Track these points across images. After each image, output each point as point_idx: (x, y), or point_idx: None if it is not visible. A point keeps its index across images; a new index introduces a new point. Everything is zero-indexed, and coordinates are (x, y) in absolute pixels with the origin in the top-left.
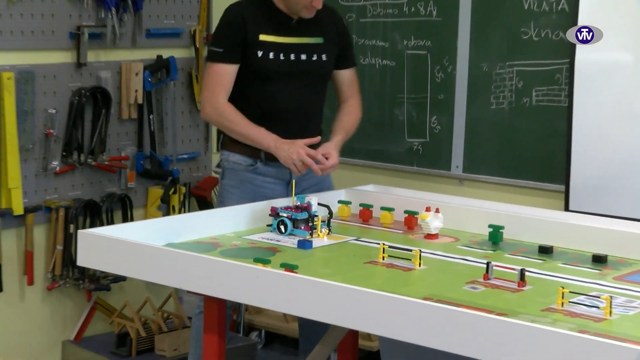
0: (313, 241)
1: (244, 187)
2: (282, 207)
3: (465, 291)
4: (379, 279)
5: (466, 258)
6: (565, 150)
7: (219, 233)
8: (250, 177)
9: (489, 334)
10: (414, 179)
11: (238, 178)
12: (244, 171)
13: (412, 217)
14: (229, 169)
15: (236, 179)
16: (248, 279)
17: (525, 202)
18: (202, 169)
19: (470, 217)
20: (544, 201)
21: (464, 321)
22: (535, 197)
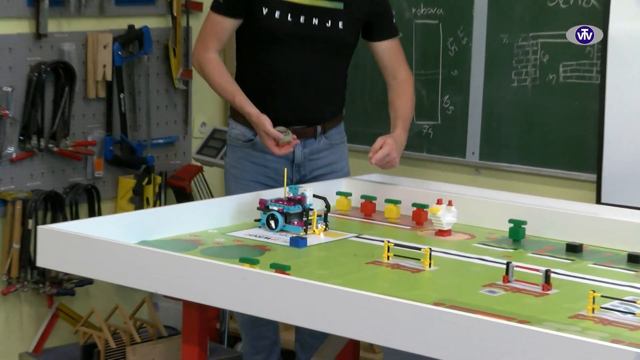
0: (308, 238)
1: (243, 167)
2: (272, 199)
3: (481, 295)
4: (383, 281)
5: (483, 258)
6: (597, 134)
7: (200, 229)
8: (249, 154)
9: (510, 344)
10: (423, 167)
11: (236, 156)
12: (242, 147)
13: (421, 211)
14: (230, 146)
15: (235, 157)
16: (233, 282)
17: (551, 193)
18: (180, 156)
19: (488, 211)
20: (573, 192)
21: (480, 330)
22: (562, 188)
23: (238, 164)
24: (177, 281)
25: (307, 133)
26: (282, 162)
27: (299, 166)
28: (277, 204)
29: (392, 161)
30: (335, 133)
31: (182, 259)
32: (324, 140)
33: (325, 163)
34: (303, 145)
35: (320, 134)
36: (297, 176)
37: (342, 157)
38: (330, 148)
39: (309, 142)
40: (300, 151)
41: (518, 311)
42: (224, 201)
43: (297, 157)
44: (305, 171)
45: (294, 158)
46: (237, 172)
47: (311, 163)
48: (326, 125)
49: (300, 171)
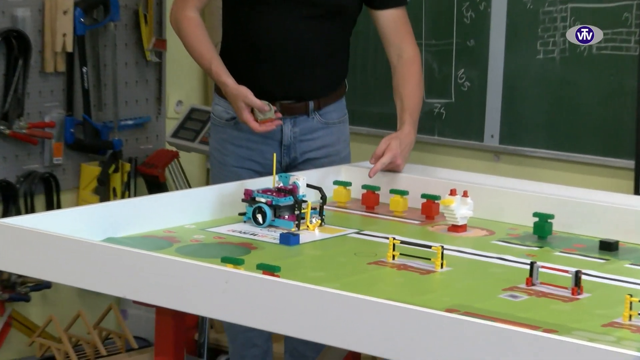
0: (300, 235)
1: (225, 150)
2: (259, 189)
3: (502, 301)
4: (387, 284)
5: (503, 257)
6: (635, 114)
7: (176, 224)
8: (232, 135)
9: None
10: (434, 153)
11: (219, 137)
12: (225, 127)
13: (432, 203)
14: (213, 126)
15: (218, 139)
16: (214, 286)
17: (582, 182)
18: (152, 140)
19: (510, 203)
20: (608, 181)
21: (500, 340)
22: (595, 176)
23: (221, 147)
24: (148, 284)
25: (297, 109)
26: (268, 143)
27: (288, 148)
28: (264, 195)
29: (395, 168)
30: (333, 110)
31: (155, 259)
32: (318, 118)
33: (320, 145)
34: (293, 123)
35: (313, 110)
36: (287, 159)
37: (340, 138)
38: (327, 128)
39: (300, 119)
40: (290, 130)
41: (544, 319)
42: (203, 192)
43: (286, 136)
44: (295, 153)
45: (282, 138)
46: (219, 157)
47: (303, 144)
48: (321, 100)
49: (290, 153)
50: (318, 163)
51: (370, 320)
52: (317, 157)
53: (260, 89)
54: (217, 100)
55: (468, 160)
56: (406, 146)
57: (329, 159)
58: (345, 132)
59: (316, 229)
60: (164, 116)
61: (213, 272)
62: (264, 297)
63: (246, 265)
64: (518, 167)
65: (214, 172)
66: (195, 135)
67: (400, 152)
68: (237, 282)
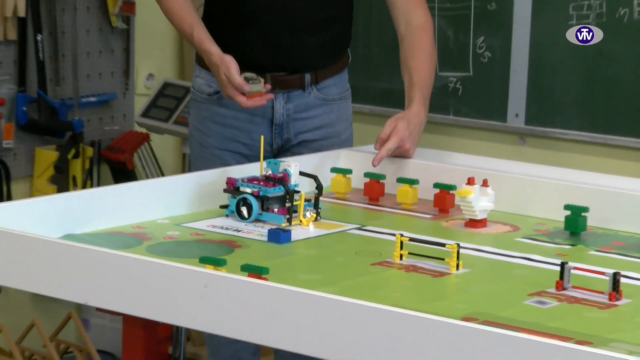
0: (292, 231)
1: (207, 130)
2: (244, 177)
3: (527, 307)
4: (394, 289)
5: (529, 257)
6: None
7: (146, 219)
8: (215, 112)
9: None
10: (449, 135)
11: (200, 115)
12: (206, 103)
13: (447, 193)
14: (193, 101)
15: (198, 117)
16: (191, 290)
17: (621, 169)
18: (119, 120)
19: (537, 194)
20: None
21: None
22: (636, 163)
23: (202, 127)
24: (114, 289)
25: (291, 83)
26: (257, 122)
27: (280, 127)
28: (250, 184)
29: (404, 154)
30: (333, 84)
31: (122, 259)
32: (315, 93)
33: (317, 125)
34: (286, 99)
35: (309, 84)
36: (279, 141)
37: (341, 117)
38: (325, 105)
39: (294, 94)
40: (282, 106)
41: (577, 328)
42: (178, 181)
43: (278, 114)
44: (288, 134)
45: (273, 115)
46: (200, 138)
47: (297, 124)
48: (319, 73)
49: (283, 134)
50: (315, 146)
51: (374, 331)
52: (314, 139)
53: (248, 59)
54: (198, 71)
55: (488, 144)
56: (415, 127)
57: (327, 141)
58: (347, 110)
59: (311, 224)
60: (133, 92)
61: (190, 275)
62: (249, 303)
63: (228, 266)
64: (547, 152)
65: (194, 155)
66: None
67: (409, 135)
68: (218, 286)
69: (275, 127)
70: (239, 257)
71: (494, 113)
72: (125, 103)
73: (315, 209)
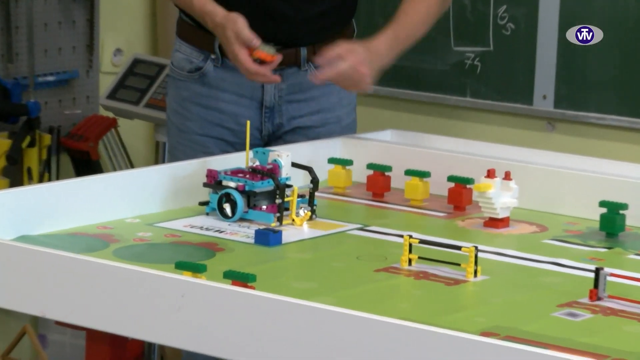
0: (284, 232)
1: (187, 112)
2: (228, 170)
3: (556, 320)
4: (402, 299)
5: (559, 262)
6: None
7: (114, 217)
8: (196, 92)
9: None
10: (465, 119)
11: (179, 95)
12: (187, 81)
13: (463, 188)
14: (172, 79)
15: (177, 98)
16: (165, 301)
17: None
18: (81, 102)
19: (568, 188)
20: None
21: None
22: None
23: (181, 109)
24: (76, 300)
25: (284, 58)
26: (244, 104)
27: (271, 111)
28: (235, 177)
29: (359, 82)
30: None
31: (85, 265)
32: (313, 71)
33: (315, 108)
34: None
35: (306, 60)
36: (269, 126)
37: (343, 101)
38: (325, 86)
39: (288, 73)
40: (274, 86)
41: (613, 344)
42: (150, 173)
43: (268, 94)
44: (281, 119)
45: (262, 96)
46: (179, 122)
47: (291, 107)
48: (317, 47)
49: (274, 118)
50: (311, 133)
51: (379, 348)
52: (310, 126)
53: None
54: (179, 45)
55: (511, 130)
56: (376, 57)
57: (326, 128)
58: (351, 92)
59: (305, 224)
60: (97, 70)
61: (164, 283)
62: (233, 316)
63: (209, 273)
64: (579, 140)
65: (172, 143)
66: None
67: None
68: (197, 296)
69: (265, 110)
70: (222, 262)
71: (517, 94)
72: (89, 83)
73: (310, 206)
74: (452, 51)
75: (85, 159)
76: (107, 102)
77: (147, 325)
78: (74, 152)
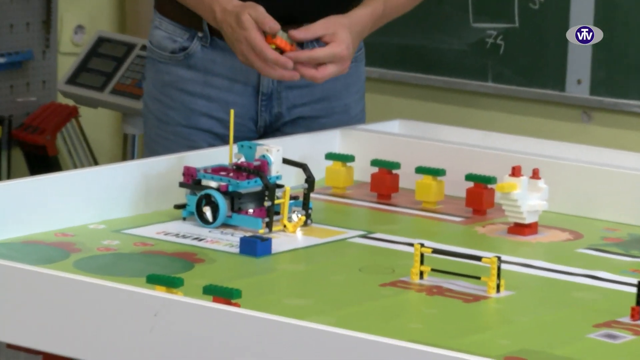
0: (274, 240)
1: (170, 100)
2: (208, 167)
3: (593, 342)
4: (413, 317)
5: (595, 274)
6: None
7: (75, 223)
8: (181, 77)
9: None
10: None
11: (159, 80)
12: (168, 64)
13: (483, 188)
14: (151, 61)
15: (157, 83)
16: (136, 320)
17: None
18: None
19: (606, 189)
20: None
21: None
22: None
23: (162, 96)
24: (31, 319)
25: None
26: (237, 90)
27: (270, 98)
28: (216, 176)
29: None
30: None
31: (41, 279)
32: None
33: (319, 96)
34: None
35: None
36: (267, 117)
37: (351, 88)
38: None
39: None
40: None
41: None
42: (117, 171)
43: (266, 79)
44: (280, 108)
45: (259, 82)
46: (159, 111)
47: (292, 94)
48: None
49: (272, 107)
50: (316, 125)
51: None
52: (314, 116)
53: None
54: (159, 21)
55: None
56: (355, 42)
57: (333, 118)
58: (359, 77)
59: (298, 231)
60: (55, 51)
61: (134, 300)
62: (215, 337)
63: (186, 287)
64: (619, 132)
65: (150, 136)
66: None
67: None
68: (173, 315)
69: (262, 97)
70: (201, 276)
71: (547, 79)
72: (46, 65)
73: (304, 210)
74: (470, 28)
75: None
76: (67, 88)
77: (114, 349)
78: (28, 147)
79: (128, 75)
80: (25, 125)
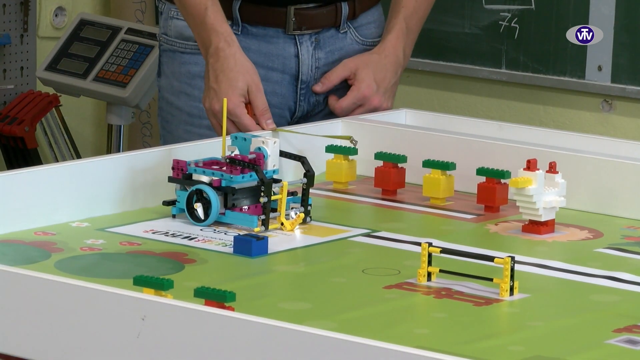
0: (270, 239)
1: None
2: (199, 160)
3: (612, 349)
4: (420, 322)
5: (616, 275)
6: None
7: (56, 221)
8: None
9: None
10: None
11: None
12: (193, 54)
13: (496, 184)
14: (169, 53)
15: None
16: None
17: None
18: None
19: (628, 184)
20: None
21: None
22: None
23: (190, 88)
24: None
25: (322, 18)
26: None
27: (308, 85)
28: (208, 170)
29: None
30: (372, 21)
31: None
32: (353, 34)
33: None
34: (314, 43)
35: (346, 20)
36: (305, 106)
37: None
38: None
39: (325, 36)
40: (310, 51)
41: None
42: (101, 165)
43: (305, 65)
44: (319, 96)
45: (298, 69)
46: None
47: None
48: (357, 4)
49: (310, 96)
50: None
51: None
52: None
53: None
54: (175, 11)
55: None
56: (389, 73)
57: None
58: None
59: (297, 229)
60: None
61: (120, 303)
62: (207, 343)
63: (176, 290)
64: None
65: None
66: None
67: (378, 87)
68: (161, 319)
69: (301, 85)
70: (192, 277)
71: (565, 65)
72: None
73: (303, 207)
74: (483, 10)
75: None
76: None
77: (99, 355)
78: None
79: (112, 62)
80: (2, 116)
